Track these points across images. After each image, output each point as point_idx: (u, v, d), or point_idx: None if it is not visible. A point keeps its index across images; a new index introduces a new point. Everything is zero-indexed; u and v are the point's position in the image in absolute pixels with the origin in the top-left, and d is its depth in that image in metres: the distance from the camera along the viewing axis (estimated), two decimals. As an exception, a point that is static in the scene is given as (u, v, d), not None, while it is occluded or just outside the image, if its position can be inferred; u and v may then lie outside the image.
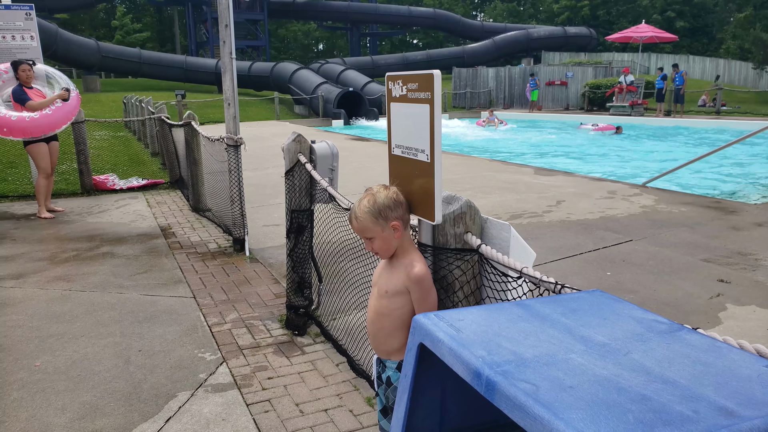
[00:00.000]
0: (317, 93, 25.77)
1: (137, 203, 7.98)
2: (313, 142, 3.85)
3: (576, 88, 27.38)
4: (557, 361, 0.96)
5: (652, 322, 1.13)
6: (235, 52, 5.43)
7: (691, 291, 4.35)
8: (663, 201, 7.22)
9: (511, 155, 13.23)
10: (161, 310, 4.20)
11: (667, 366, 0.94)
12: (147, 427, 2.81)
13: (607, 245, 5.49)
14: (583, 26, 44.99)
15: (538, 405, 0.82)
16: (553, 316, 1.15)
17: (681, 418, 0.79)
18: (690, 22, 45.66)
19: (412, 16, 45.21)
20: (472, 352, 0.98)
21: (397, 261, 1.97)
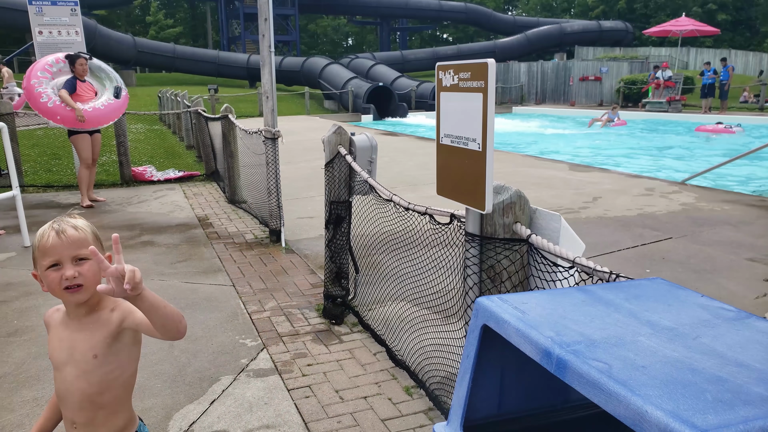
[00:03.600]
0: (347, 88, 25.83)
1: (174, 194, 8.14)
2: (353, 134, 3.88)
3: (611, 83, 26.90)
4: (626, 343, 0.96)
5: (719, 309, 1.13)
6: (256, 49, 5.49)
7: (735, 290, 4.27)
8: (704, 199, 7.07)
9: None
10: (202, 298, 4.29)
11: (739, 350, 0.94)
12: (193, 408, 2.89)
13: (646, 242, 5.41)
14: (618, 20, 44.13)
15: (612, 381, 0.83)
16: (616, 301, 1.15)
17: (761, 399, 0.79)
18: (732, 15, 44.46)
19: (443, 11, 44.94)
20: (540, 332, 0.99)
21: (94, 313, 1.53)
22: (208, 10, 58.19)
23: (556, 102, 27.99)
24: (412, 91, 27.21)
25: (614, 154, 12.69)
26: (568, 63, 28.65)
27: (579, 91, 27.37)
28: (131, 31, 61.15)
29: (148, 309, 1.37)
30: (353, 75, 27.17)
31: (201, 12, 62.41)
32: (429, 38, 64.86)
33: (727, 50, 38.53)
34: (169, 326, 1.41)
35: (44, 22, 7.81)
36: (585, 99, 27.33)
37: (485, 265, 2.08)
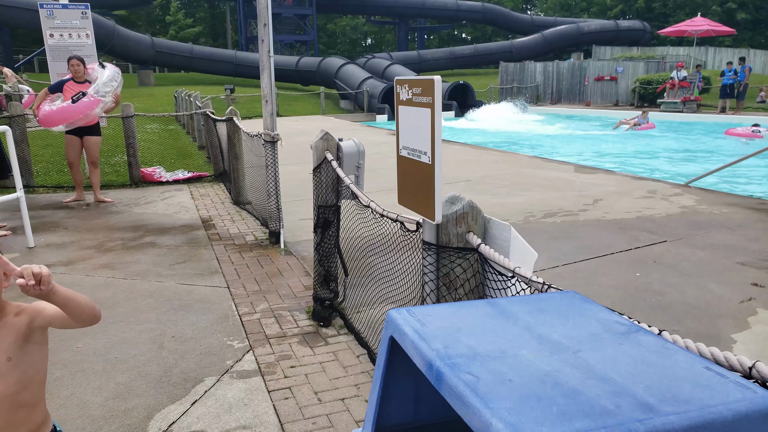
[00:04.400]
0: (362, 88, 25.96)
1: (182, 195, 8.30)
2: (341, 140, 3.96)
3: (626, 83, 26.66)
4: (507, 356, 1.03)
5: (613, 324, 1.19)
6: (273, 49, 5.60)
7: (722, 294, 4.27)
8: (705, 201, 7.04)
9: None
10: (196, 299, 4.41)
11: (610, 365, 1.00)
12: (174, 408, 2.99)
13: (640, 245, 5.41)
14: (636, 20, 43.65)
15: (473, 395, 0.90)
16: (518, 315, 1.21)
17: (601, 412, 0.85)
18: (752, 14, 43.74)
19: (460, 10, 44.87)
20: (429, 344, 1.06)
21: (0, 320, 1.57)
22: (227, 10, 58.77)
23: (572, 102, 27.80)
24: (427, 91, 27.17)
25: (636, 158, 12.56)
26: (583, 63, 28.45)
27: (594, 91, 27.16)
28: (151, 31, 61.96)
29: (63, 302, 1.50)
30: (369, 75, 27.29)
31: (221, 12, 63.03)
32: (447, 38, 64.72)
33: (746, 49, 37.92)
34: (85, 314, 1.55)
35: (55, 25, 8.01)
36: (600, 99, 27.11)
37: (441, 272, 2.14)
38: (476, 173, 9.50)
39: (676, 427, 0.83)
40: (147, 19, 62.82)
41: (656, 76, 25.39)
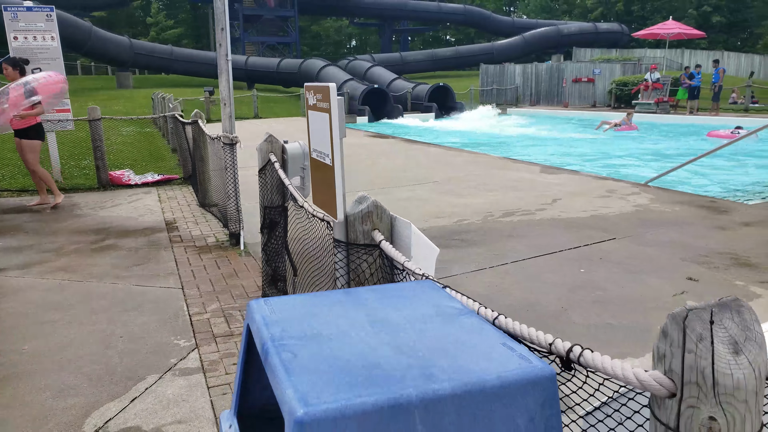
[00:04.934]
0: (343, 90, 26.06)
1: (149, 198, 8.35)
2: (286, 142, 4.07)
3: (604, 85, 27.02)
4: (335, 337, 1.14)
5: (448, 308, 1.31)
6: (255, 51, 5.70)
7: (659, 288, 4.43)
8: (659, 200, 7.23)
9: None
10: (149, 300, 4.48)
11: (423, 342, 1.12)
12: (113, 405, 3.07)
13: (589, 243, 5.57)
14: (614, 22, 44.20)
15: (282, 370, 1.01)
16: (368, 302, 1.33)
17: (387, 381, 0.97)
18: (726, 18, 44.48)
19: (442, 12, 45.18)
20: (268, 329, 1.17)
21: None
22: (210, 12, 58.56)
23: (550, 103, 28.12)
24: (408, 92, 27.42)
25: (613, 158, 12.75)
26: (561, 65, 28.79)
27: (572, 93, 27.49)
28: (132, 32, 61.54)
29: None
30: (350, 77, 27.40)
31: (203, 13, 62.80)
32: (431, 40, 65.06)
33: (720, 52, 38.56)
34: None
35: (19, 28, 8.03)
36: (578, 100, 27.45)
37: (351, 268, 2.26)
38: (445, 174, 9.65)
39: (448, 392, 0.95)
40: (128, 20, 62.46)
41: (632, 77, 25.77)
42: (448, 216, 6.84)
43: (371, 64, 31.16)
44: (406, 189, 8.49)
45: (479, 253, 5.41)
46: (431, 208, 7.27)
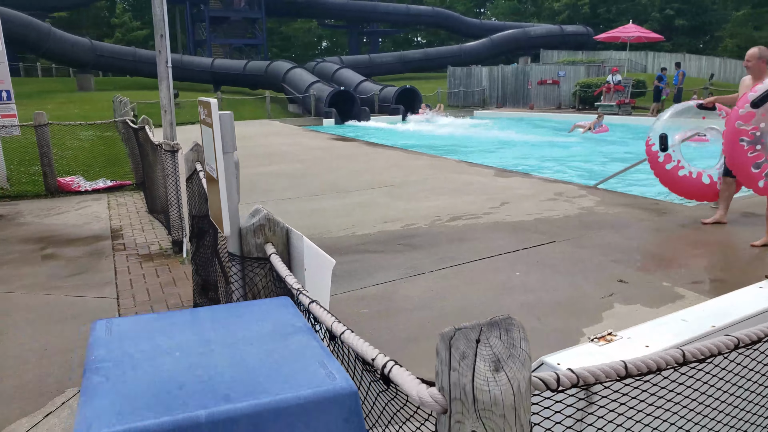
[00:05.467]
0: (309, 92, 26.03)
1: (98, 205, 8.24)
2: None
3: (568, 87, 27.45)
4: (154, 359, 1.16)
5: (288, 327, 1.34)
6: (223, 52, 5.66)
7: (589, 291, 4.53)
8: (604, 203, 7.38)
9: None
10: (80, 312, 4.43)
11: (242, 362, 1.15)
12: (25, 422, 3.03)
13: (528, 246, 5.67)
14: (580, 25, 44.94)
15: (86, 393, 1.03)
16: (210, 322, 1.35)
17: (183, 402, 0.99)
18: (689, 21, 45.53)
19: (411, 14, 45.38)
20: (93, 352, 1.19)
21: None
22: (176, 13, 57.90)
23: (516, 105, 28.46)
24: (375, 95, 27.48)
25: (589, 161, 12.92)
26: (526, 67, 29.18)
27: (538, 95, 27.87)
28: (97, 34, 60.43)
29: None
30: (316, 79, 27.36)
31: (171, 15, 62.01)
32: (402, 41, 65.25)
33: (682, 54, 39.47)
34: None
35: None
36: (543, 102, 27.83)
37: (246, 281, 2.28)
38: (401, 178, 9.71)
39: (241, 412, 0.98)
40: (93, 21, 61.37)
41: (596, 79, 26.23)
42: (398, 220, 6.89)
43: (339, 66, 31.14)
44: (361, 193, 8.53)
45: (422, 258, 5.46)
46: (383, 212, 7.31)
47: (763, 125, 5.29)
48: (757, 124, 5.30)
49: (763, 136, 5.30)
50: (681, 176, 6.61)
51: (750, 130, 5.33)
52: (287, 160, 12.10)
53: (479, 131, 20.75)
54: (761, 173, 5.26)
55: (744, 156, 5.37)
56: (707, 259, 5.28)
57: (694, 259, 5.23)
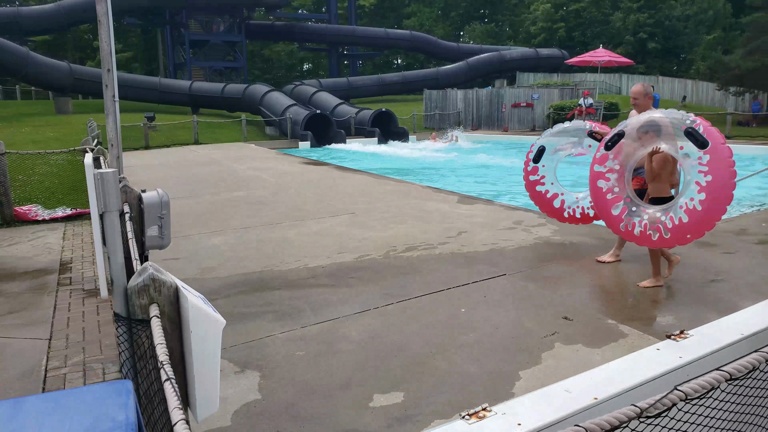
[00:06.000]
0: (286, 115, 26.05)
1: (53, 235, 8.08)
2: (143, 191, 3.99)
3: (542, 109, 27.80)
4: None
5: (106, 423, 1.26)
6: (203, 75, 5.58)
7: (532, 329, 4.49)
8: (561, 232, 7.39)
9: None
10: (8, 354, 4.29)
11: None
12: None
13: (478, 279, 5.63)
14: (555, 48, 45.68)
15: None
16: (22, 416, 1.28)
17: None
18: (661, 44, 46.53)
19: (389, 38, 45.83)
20: None
21: None
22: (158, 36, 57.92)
23: (491, 128, 28.72)
24: (352, 117, 27.60)
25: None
26: (500, 90, 29.53)
27: (512, 117, 28.16)
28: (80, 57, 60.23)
29: None
30: (293, 102, 27.43)
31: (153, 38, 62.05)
32: (382, 64, 65.84)
33: (655, 77, 40.23)
34: None
35: None
36: (518, 125, 28.11)
37: (133, 344, 2.19)
38: (365, 204, 9.67)
39: None
40: (75, 44, 61.20)
41: (569, 102, 26.61)
42: (353, 251, 6.83)
43: (316, 90, 31.28)
44: (320, 221, 8.47)
45: (370, 292, 5.40)
46: (340, 241, 7.25)
47: (618, 167, 5.28)
48: (611, 166, 5.29)
49: (618, 179, 5.28)
50: (537, 191, 6.80)
51: (606, 173, 5.31)
52: (253, 186, 12.02)
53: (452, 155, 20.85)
54: (621, 215, 5.22)
55: (603, 199, 5.33)
56: (656, 295, 5.27)
57: (643, 295, 5.22)
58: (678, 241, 4.93)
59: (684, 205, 4.85)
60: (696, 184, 4.81)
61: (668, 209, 4.97)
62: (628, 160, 5.29)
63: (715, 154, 4.77)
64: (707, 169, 4.77)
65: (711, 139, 4.80)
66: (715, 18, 46.63)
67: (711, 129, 4.88)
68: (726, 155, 4.79)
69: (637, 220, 5.10)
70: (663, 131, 5.05)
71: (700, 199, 4.77)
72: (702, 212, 4.77)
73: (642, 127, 5.16)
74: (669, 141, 5.04)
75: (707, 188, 4.75)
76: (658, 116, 5.11)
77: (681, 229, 4.85)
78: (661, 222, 4.96)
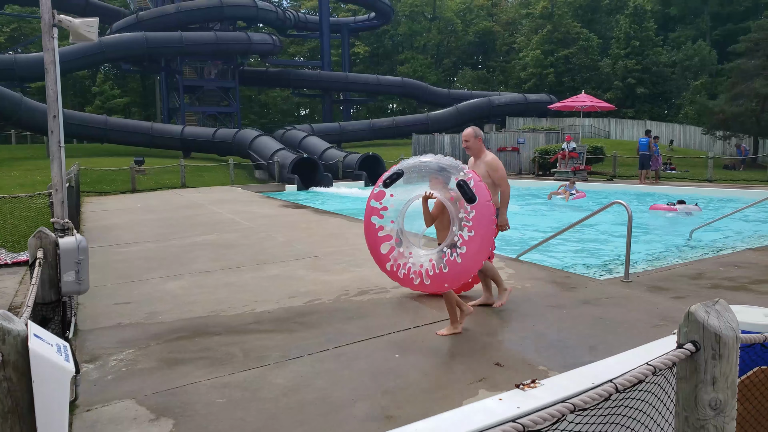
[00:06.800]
0: (274, 159, 26.32)
1: (11, 280, 8.04)
2: (61, 236, 3.99)
3: (528, 153, 28.09)
4: None
5: None
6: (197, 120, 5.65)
7: (460, 376, 4.42)
8: (518, 276, 7.36)
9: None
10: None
11: None
12: None
13: (421, 324, 5.58)
14: (543, 93, 46.57)
15: None
16: None
17: None
18: (650, 89, 47.41)
19: (381, 85, 46.72)
20: None
21: None
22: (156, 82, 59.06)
23: (478, 171, 28.93)
24: (339, 161, 27.88)
25: (533, 231, 12.87)
26: (486, 135, 29.85)
27: (498, 161, 28.39)
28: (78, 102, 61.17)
29: None
30: (281, 146, 27.76)
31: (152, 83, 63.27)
32: (376, 109, 66.99)
33: (643, 121, 40.87)
34: None
35: None
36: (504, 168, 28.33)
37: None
38: (331, 248, 9.67)
39: None
40: (75, 89, 62.38)
41: (554, 146, 26.90)
42: (305, 295, 6.79)
43: (306, 134, 31.72)
44: (283, 265, 8.44)
45: (310, 338, 5.34)
46: (294, 286, 7.22)
47: (392, 205, 5.29)
48: (387, 203, 5.29)
49: (391, 217, 5.27)
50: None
51: (380, 210, 5.30)
52: (227, 229, 12.03)
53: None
54: (388, 255, 5.18)
55: (375, 235, 5.31)
56: (596, 339, 5.21)
57: (579, 340, 5.16)
58: (436, 288, 5.04)
59: (446, 255, 4.92)
60: (460, 236, 4.89)
61: (433, 257, 5.01)
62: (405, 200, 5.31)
63: (480, 210, 4.85)
64: (471, 224, 4.85)
65: (479, 195, 4.88)
66: (702, 64, 47.65)
67: (480, 185, 4.97)
68: (490, 213, 4.90)
69: (402, 262, 5.12)
70: (440, 178, 5.10)
71: (461, 252, 4.84)
72: (461, 265, 4.87)
73: (414, 169, 5.22)
74: (442, 189, 5.10)
75: (468, 243, 4.83)
76: (442, 162, 5.16)
77: (440, 277, 4.92)
78: (424, 268, 4.97)
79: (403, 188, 5.34)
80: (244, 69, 44.59)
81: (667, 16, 57.11)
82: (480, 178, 5.09)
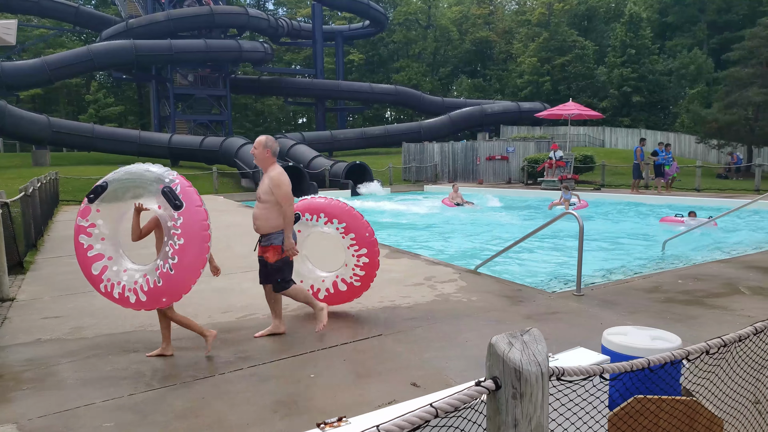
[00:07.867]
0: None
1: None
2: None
3: (518, 162, 27.81)
4: None
5: None
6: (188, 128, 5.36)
7: (372, 398, 4.10)
8: (467, 288, 7.04)
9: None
10: None
11: None
12: None
13: (352, 341, 5.27)
14: (537, 102, 46.35)
15: None
16: None
17: None
18: (646, 98, 47.14)
19: (374, 93, 46.52)
20: None
21: None
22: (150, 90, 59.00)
23: (467, 180, 28.67)
24: (326, 170, 27.60)
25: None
26: (475, 144, 29.63)
27: (487, 170, 28.14)
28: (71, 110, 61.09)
29: None
30: (267, 155, 27.46)
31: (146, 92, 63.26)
32: (371, 117, 66.80)
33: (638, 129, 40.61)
34: None
35: None
36: (493, 177, 28.07)
37: None
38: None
39: None
40: (68, 97, 62.42)
41: (543, 155, 26.62)
42: (239, 309, 6.49)
43: (295, 142, 31.44)
44: (232, 277, 8.14)
45: (221, 357, 5.02)
46: (234, 299, 6.92)
47: (101, 222, 4.86)
48: (94, 220, 4.86)
49: (102, 234, 4.87)
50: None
51: (88, 227, 4.85)
52: (191, 240, 11.69)
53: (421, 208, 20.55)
54: (101, 275, 4.78)
55: (84, 255, 4.84)
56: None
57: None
58: (154, 304, 4.74)
59: (159, 267, 4.65)
60: (170, 246, 4.63)
61: (147, 272, 4.72)
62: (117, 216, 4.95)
63: (189, 216, 4.61)
64: (180, 231, 4.60)
65: (187, 200, 4.63)
66: (698, 72, 47.38)
67: (189, 190, 4.70)
68: (200, 218, 4.67)
69: (116, 281, 4.75)
70: (149, 188, 4.77)
71: (173, 263, 4.59)
72: (175, 276, 4.62)
73: (121, 180, 4.83)
74: (149, 199, 4.79)
75: (180, 252, 4.59)
76: (151, 170, 4.80)
77: (156, 292, 4.67)
78: (138, 284, 4.69)
79: (112, 203, 4.87)
80: (236, 77, 44.45)
81: (664, 25, 56.94)
82: (189, 184, 4.77)
